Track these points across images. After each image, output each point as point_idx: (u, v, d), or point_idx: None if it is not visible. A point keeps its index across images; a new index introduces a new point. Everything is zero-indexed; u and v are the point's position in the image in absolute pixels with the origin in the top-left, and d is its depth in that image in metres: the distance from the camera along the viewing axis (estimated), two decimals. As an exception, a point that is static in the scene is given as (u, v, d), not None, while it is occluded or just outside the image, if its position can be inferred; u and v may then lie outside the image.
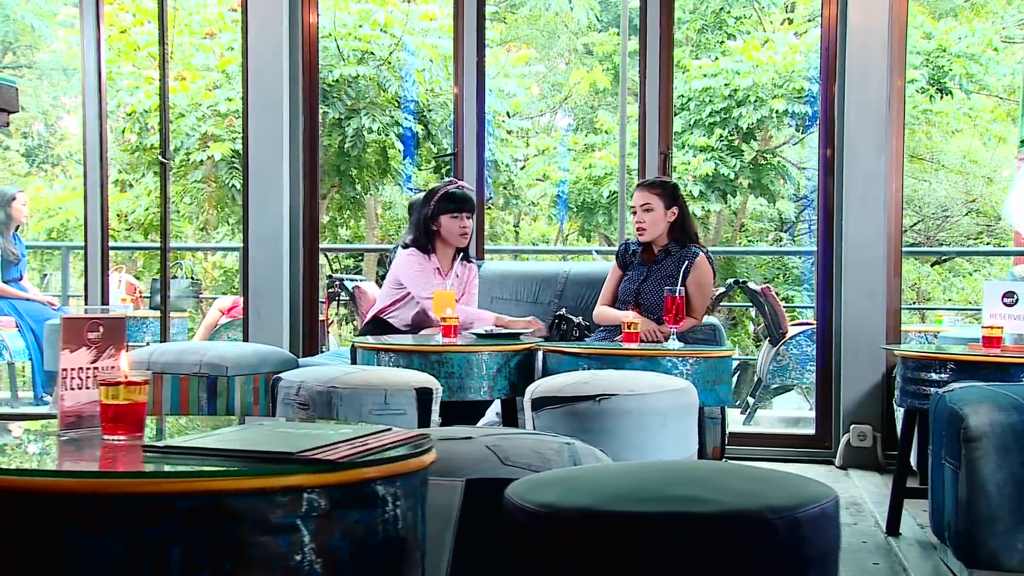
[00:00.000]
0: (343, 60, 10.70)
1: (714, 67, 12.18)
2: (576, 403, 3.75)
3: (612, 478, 1.86)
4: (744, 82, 11.97)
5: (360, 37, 10.69)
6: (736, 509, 1.67)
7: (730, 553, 1.64)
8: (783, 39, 12.70)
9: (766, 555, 1.65)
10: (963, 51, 13.16)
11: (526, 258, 13.33)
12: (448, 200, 5.22)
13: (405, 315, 5.26)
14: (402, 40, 10.80)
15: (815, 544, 1.70)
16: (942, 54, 13.21)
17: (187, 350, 4.73)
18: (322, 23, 10.75)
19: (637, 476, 1.87)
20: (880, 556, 4.00)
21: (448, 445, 2.46)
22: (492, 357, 4.48)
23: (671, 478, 1.85)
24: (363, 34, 10.70)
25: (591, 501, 1.72)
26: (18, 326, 7.72)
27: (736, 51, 12.22)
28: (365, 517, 1.75)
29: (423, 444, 1.96)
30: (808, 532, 1.68)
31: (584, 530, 1.68)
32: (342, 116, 10.75)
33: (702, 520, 1.65)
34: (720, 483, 1.79)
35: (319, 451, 1.75)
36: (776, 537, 1.65)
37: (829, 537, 1.75)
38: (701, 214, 12.11)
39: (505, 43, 14.07)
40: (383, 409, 3.94)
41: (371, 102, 10.76)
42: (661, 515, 1.66)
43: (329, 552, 1.70)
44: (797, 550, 1.67)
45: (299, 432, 1.96)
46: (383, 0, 10.84)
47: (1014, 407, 3.50)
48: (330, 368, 4.23)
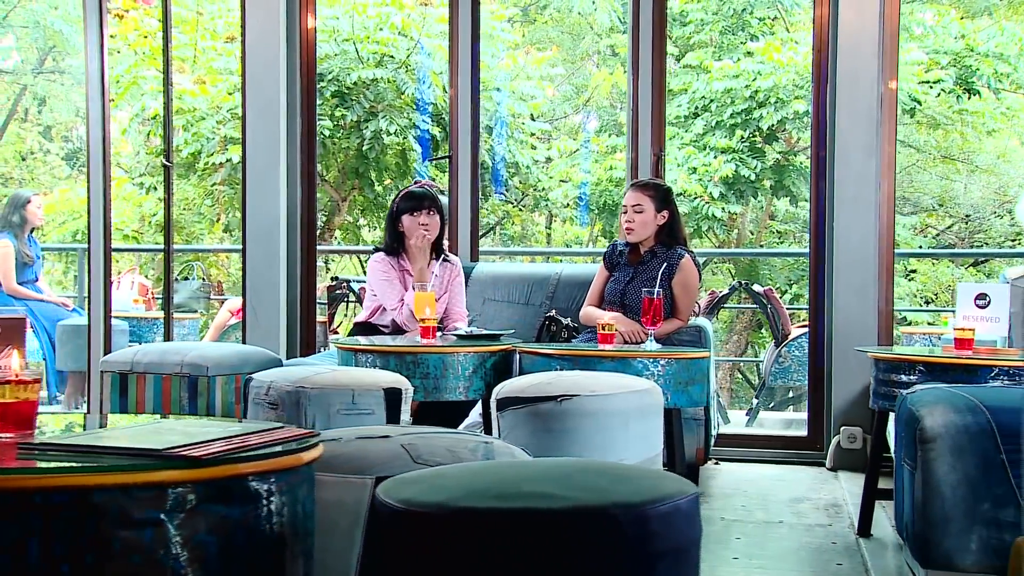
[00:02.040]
0: (362, 63, 10.77)
1: (735, 68, 12.14)
2: (538, 404, 3.78)
3: (475, 475, 1.90)
4: (765, 83, 11.93)
5: (379, 40, 10.76)
6: (582, 505, 1.70)
7: (574, 548, 1.67)
8: (805, 39, 12.64)
9: (611, 550, 1.68)
10: (991, 51, 13.04)
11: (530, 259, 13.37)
12: (406, 199, 5.27)
13: (386, 320, 5.30)
14: (419, 43, 10.86)
15: (665, 540, 1.72)
16: (970, 54, 13.10)
17: (169, 350, 4.80)
18: (341, 26, 10.92)
19: (499, 474, 1.91)
20: (846, 557, 4.00)
21: (363, 444, 2.51)
22: (468, 358, 4.52)
23: (531, 475, 1.88)
24: (381, 37, 10.77)
25: (444, 498, 1.75)
26: (33, 327, 7.85)
27: (758, 52, 12.18)
28: (236, 512, 1.80)
29: (308, 441, 2.00)
30: (657, 528, 1.71)
31: (433, 526, 1.72)
32: (360, 119, 10.82)
33: (546, 516, 1.68)
34: (577, 480, 1.82)
35: (188, 448, 1.80)
36: (621, 533, 1.68)
37: (682, 533, 1.77)
38: (721, 215, 12.07)
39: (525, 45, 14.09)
40: (351, 409, 3.98)
41: (389, 105, 10.83)
42: (507, 511, 1.69)
43: (197, 546, 1.75)
44: (644, 546, 1.70)
45: (184, 430, 2.01)
46: (401, 4, 10.88)
47: (969, 409, 3.48)
48: (301, 368, 4.28)
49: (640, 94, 5.98)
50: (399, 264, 5.28)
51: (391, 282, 5.24)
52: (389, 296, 5.21)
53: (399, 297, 5.20)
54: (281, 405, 4.01)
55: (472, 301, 5.78)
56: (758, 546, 4.17)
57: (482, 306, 5.83)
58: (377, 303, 5.31)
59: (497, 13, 12.26)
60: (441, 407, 4.79)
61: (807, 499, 5.00)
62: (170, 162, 6.68)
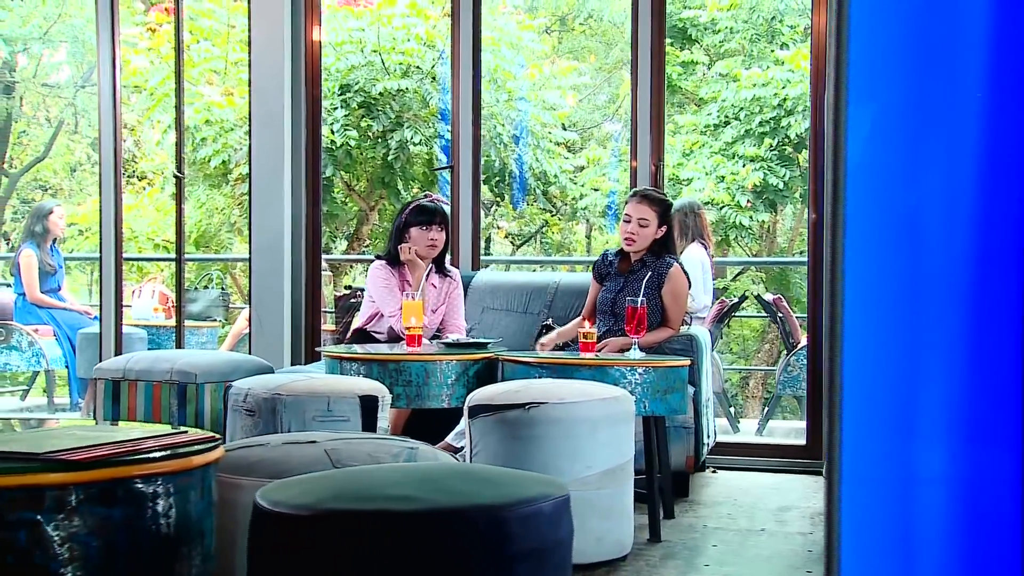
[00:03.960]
0: (388, 74, 10.87)
1: (764, 76, 12.10)
2: (506, 411, 3.84)
3: (348, 479, 1.94)
4: (794, 91, 11.88)
5: (404, 51, 10.85)
6: (438, 507, 1.74)
7: (430, 549, 1.71)
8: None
9: (467, 551, 1.72)
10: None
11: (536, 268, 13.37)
12: (418, 212, 5.33)
13: (382, 328, 5.36)
14: (443, 54, 10.94)
15: (523, 542, 1.76)
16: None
17: (160, 358, 4.89)
18: (367, 37, 11.02)
19: (372, 478, 1.95)
20: (818, 565, 4.00)
21: (288, 449, 2.57)
22: (450, 366, 4.57)
23: (400, 479, 1.92)
24: (407, 48, 10.85)
25: (310, 500, 1.80)
26: (55, 334, 8.02)
27: (787, 60, 12.13)
28: (119, 514, 1.86)
29: (204, 445, 2.06)
30: (515, 530, 1.75)
31: (296, 527, 1.77)
32: (386, 129, 10.91)
33: (402, 517, 1.73)
34: (443, 484, 1.86)
35: (69, 452, 1.86)
36: (477, 534, 1.72)
37: (543, 536, 1.80)
38: (749, 224, 12.03)
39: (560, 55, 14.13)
40: (326, 416, 4.04)
41: (414, 115, 10.91)
42: (364, 512, 1.75)
43: (77, 546, 1.81)
44: (502, 547, 1.74)
45: (80, 435, 2.07)
46: (426, 15, 10.97)
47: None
48: (279, 376, 4.36)
49: (639, 106, 6.00)
50: (399, 273, 5.34)
51: (390, 290, 5.31)
52: (387, 303, 5.28)
53: (397, 305, 5.26)
54: (258, 412, 4.08)
55: (472, 310, 5.83)
56: (733, 554, 4.18)
57: (481, 314, 5.87)
58: (374, 310, 5.38)
59: (525, 23, 12.31)
60: (432, 414, 4.85)
61: (795, 507, 5.00)
62: (181, 173, 6.78)
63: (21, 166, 17.45)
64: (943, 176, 1.26)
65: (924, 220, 1.28)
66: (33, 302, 8.03)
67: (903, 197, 1.28)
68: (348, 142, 10.82)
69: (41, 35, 14.21)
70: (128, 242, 12.39)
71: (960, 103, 1.26)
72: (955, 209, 1.27)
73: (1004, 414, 1.25)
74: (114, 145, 6.68)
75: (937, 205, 1.27)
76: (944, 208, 1.27)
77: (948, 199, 1.27)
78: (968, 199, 1.27)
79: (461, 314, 5.55)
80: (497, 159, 11.71)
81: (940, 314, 1.26)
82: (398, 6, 10.90)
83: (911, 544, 1.27)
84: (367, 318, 5.41)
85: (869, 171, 1.27)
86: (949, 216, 1.27)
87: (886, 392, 1.29)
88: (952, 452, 1.27)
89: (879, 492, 1.29)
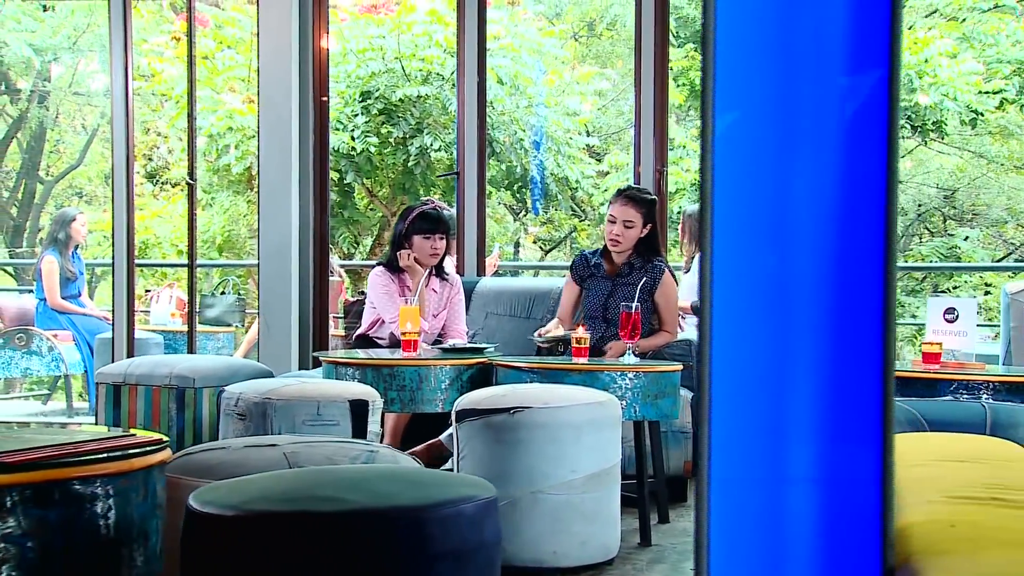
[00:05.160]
0: (408, 80, 10.92)
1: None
2: (492, 415, 3.88)
3: (280, 481, 1.98)
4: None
5: (424, 58, 10.89)
6: (359, 508, 1.78)
7: (350, 549, 1.75)
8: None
9: (386, 551, 1.75)
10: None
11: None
12: (420, 220, 5.35)
13: (384, 333, 5.40)
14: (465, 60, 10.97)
15: (443, 543, 1.79)
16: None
17: (161, 363, 4.96)
18: (388, 44, 11.07)
19: (303, 480, 1.99)
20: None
21: (248, 452, 2.61)
22: (444, 371, 4.61)
23: (330, 481, 1.96)
24: (427, 55, 10.90)
25: (236, 501, 1.84)
26: (75, 339, 8.12)
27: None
28: (54, 515, 1.90)
29: (148, 448, 2.10)
30: (435, 531, 1.78)
31: (220, 528, 1.81)
32: (407, 135, 10.96)
33: (323, 518, 1.76)
34: (370, 486, 1.90)
35: (6, 455, 1.90)
36: (396, 534, 1.75)
37: (465, 537, 1.83)
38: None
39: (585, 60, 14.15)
40: (316, 420, 4.09)
41: (434, 121, 10.96)
42: (286, 514, 1.78)
43: (11, 547, 1.85)
44: (423, 548, 1.77)
45: (22, 437, 2.12)
46: (446, 22, 11.01)
47: (908, 421, 3.49)
48: (272, 380, 4.41)
49: (643, 110, 6.02)
50: (399, 279, 5.38)
51: (390, 296, 5.35)
52: (388, 309, 5.32)
53: (397, 311, 5.29)
54: (249, 416, 4.13)
55: (475, 315, 5.86)
56: (721, 559, 4.17)
57: (484, 320, 5.91)
58: (376, 316, 5.43)
59: (546, 30, 12.34)
60: (432, 419, 4.89)
61: (793, 513, 4.98)
62: (193, 180, 6.86)
63: (57, 173, 17.65)
64: (804, 183, 1.28)
65: (787, 225, 1.29)
66: (54, 308, 8.14)
67: (766, 202, 1.30)
68: (368, 148, 10.87)
69: (71, 45, 14.37)
70: (152, 248, 12.55)
71: (820, 111, 1.28)
72: (816, 215, 1.29)
73: (864, 415, 1.27)
74: (126, 152, 6.77)
75: (799, 211, 1.29)
76: (806, 214, 1.29)
77: (809, 205, 1.29)
78: (828, 205, 1.29)
79: (462, 319, 5.58)
80: (518, 164, 11.73)
81: (803, 318, 1.28)
82: (418, 13, 10.95)
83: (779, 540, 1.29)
84: (369, 324, 5.46)
85: (734, 178, 1.30)
86: (811, 222, 1.29)
87: (753, 393, 1.31)
88: (818, 452, 1.29)
89: (748, 492, 1.31)
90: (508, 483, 3.78)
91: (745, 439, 1.31)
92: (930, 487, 1.59)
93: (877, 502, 1.26)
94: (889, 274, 1.27)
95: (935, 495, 1.54)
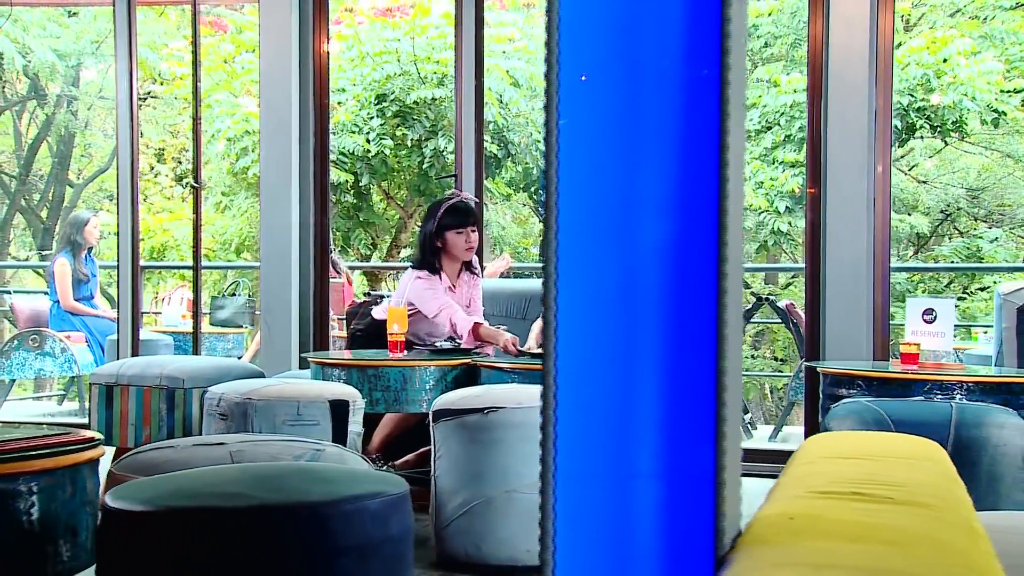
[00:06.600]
0: (423, 83, 10.98)
1: (803, 81, 12.02)
2: (466, 415, 3.91)
3: (192, 478, 2.02)
4: (834, 96, 11.78)
5: (439, 60, 10.95)
6: (263, 504, 1.81)
7: (252, 543, 1.78)
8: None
9: (286, 546, 1.78)
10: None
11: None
12: (450, 215, 5.22)
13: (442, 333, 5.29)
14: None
15: (345, 538, 1.82)
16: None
17: (152, 363, 5.02)
18: (403, 47, 11.13)
19: (215, 477, 2.02)
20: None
21: (194, 450, 2.65)
22: (428, 371, 4.65)
23: (239, 478, 1.99)
24: (442, 58, 10.95)
25: (146, 497, 1.88)
26: (87, 341, 8.22)
27: (828, 64, 12.03)
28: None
29: (79, 446, 2.15)
30: (336, 526, 1.81)
31: (129, 524, 1.85)
32: (421, 137, 11.02)
33: (225, 514, 1.79)
34: (278, 482, 1.93)
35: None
36: (297, 529, 1.78)
37: (368, 532, 1.86)
38: (787, 230, 11.96)
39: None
40: (296, 420, 4.14)
41: (449, 123, 11.01)
42: (192, 509, 1.81)
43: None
44: (323, 542, 1.80)
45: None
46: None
47: (876, 421, 3.50)
48: (254, 381, 4.46)
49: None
50: (442, 281, 5.26)
51: (435, 291, 5.19)
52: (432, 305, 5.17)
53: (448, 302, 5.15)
54: (230, 416, 4.18)
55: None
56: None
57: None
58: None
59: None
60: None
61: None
62: (198, 183, 6.93)
63: (87, 177, 17.83)
64: (640, 182, 1.31)
65: (627, 225, 1.32)
66: (66, 309, 8.24)
67: (606, 206, 1.33)
68: (384, 151, 10.93)
69: (94, 50, 14.53)
70: (170, 250, 12.66)
71: (659, 115, 1.31)
72: (652, 213, 1.31)
73: (699, 415, 1.30)
74: (131, 155, 6.85)
75: (636, 210, 1.31)
76: (642, 213, 1.31)
77: (645, 203, 1.32)
78: (663, 203, 1.31)
79: (480, 298, 5.53)
80: (535, 166, 11.77)
81: (643, 318, 1.31)
82: (432, 16, 11.00)
83: (622, 531, 1.31)
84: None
85: (577, 181, 1.32)
86: (647, 221, 1.31)
87: (595, 393, 1.34)
88: (657, 449, 1.32)
89: (593, 486, 1.34)
90: (483, 482, 3.82)
91: (588, 436, 1.34)
92: (805, 483, 1.61)
93: (711, 496, 1.29)
94: (723, 276, 1.30)
95: (803, 490, 1.56)
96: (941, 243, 15.99)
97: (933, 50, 11.66)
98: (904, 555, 1.16)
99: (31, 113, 16.70)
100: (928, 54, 11.62)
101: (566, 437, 1.32)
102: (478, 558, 3.87)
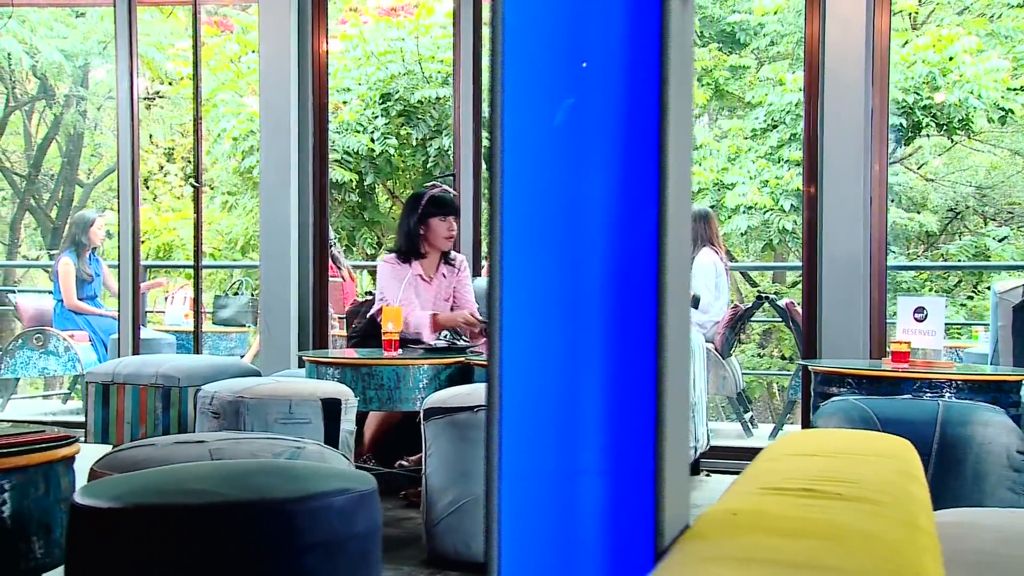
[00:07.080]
0: (427, 82, 10.99)
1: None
2: (456, 413, 3.92)
3: (162, 476, 2.03)
4: (840, 94, 11.75)
5: (444, 60, 10.96)
6: (229, 501, 1.82)
7: (218, 540, 1.80)
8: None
9: (252, 542, 1.80)
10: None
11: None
12: (433, 204, 5.36)
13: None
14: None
15: (311, 534, 1.83)
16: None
17: (148, 362, 5.04)
18: (407, 47, 11.15)
19: (186, 474, 2.04)
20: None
21: (174, 448, 2.67)
22: (422, 370, 4.66)
23: (209, 475, 2.01)
24: (447, 57, 10.96)
25: (115, 495, 1.89)
26: (91, 340, 8.26)
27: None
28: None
29: (52, 444, 2.16)
30: (302, 523, 1.82)
31: (97, 521, 1.86)
32: (426, 137, 11.03)
33: (191, 511, 1.81)
34: (249, 480, 1.95)
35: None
36: (262, 526, 1.80)
37: (334, 529, 1.87)
38: (792, 228, 11.93)
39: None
40: (288, 418, 4.15)
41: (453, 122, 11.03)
42: (159, 507, 1.83)
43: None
44: (288, 539, 1.81)
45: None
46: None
47: (863, 419, 3.50)
48: (247, 379, 4.47)
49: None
50: (411, 267, 5.33)
51: (397, 279, 5.27)
52: (389, 293, 5.24)
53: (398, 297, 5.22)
54: (223, 414, 4.20)
55: (464, 313, 5.89)
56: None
57: (479, 319, 5.94)
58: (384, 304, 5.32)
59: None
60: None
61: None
62: (199, 183, 6.95)
63: (97, 176, 17.89)
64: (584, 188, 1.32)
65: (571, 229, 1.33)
66: (70, 308, 8.28)
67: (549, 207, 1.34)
68: (388, 150, 10.95)
69: (101, 50, 14.58)
70: (177, 249, 12.70)
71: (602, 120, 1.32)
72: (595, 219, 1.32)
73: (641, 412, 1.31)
74: (131, 155, 6.87)
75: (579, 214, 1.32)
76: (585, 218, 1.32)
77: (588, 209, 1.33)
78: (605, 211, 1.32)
79: (471, 292, 5.56)
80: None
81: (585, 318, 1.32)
82: (436, 15, 11.01)
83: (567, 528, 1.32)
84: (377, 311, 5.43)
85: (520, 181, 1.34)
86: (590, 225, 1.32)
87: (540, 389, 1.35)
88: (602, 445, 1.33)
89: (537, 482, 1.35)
90: (473, 480, 3.83)
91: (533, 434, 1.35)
92: (760, 480, 1.62)
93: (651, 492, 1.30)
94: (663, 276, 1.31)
95: (755, 487, 1.56)
96: (951, 241, 15.95)
97: (939, 48, 11.63)
98: (836, 550, 1.17)
99: (40, 113, 16.77)
100: (934, 52, 11.60)
101: (511, 435, 1.33)
102: (468, 556, 3.88)
